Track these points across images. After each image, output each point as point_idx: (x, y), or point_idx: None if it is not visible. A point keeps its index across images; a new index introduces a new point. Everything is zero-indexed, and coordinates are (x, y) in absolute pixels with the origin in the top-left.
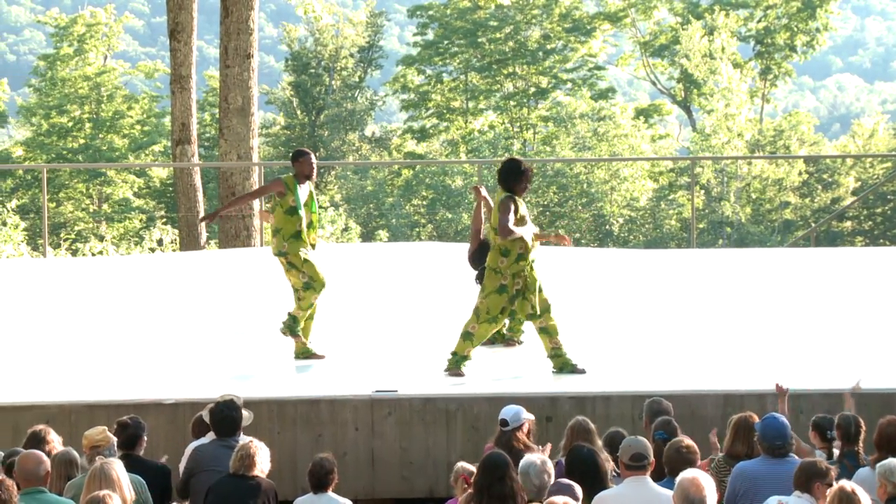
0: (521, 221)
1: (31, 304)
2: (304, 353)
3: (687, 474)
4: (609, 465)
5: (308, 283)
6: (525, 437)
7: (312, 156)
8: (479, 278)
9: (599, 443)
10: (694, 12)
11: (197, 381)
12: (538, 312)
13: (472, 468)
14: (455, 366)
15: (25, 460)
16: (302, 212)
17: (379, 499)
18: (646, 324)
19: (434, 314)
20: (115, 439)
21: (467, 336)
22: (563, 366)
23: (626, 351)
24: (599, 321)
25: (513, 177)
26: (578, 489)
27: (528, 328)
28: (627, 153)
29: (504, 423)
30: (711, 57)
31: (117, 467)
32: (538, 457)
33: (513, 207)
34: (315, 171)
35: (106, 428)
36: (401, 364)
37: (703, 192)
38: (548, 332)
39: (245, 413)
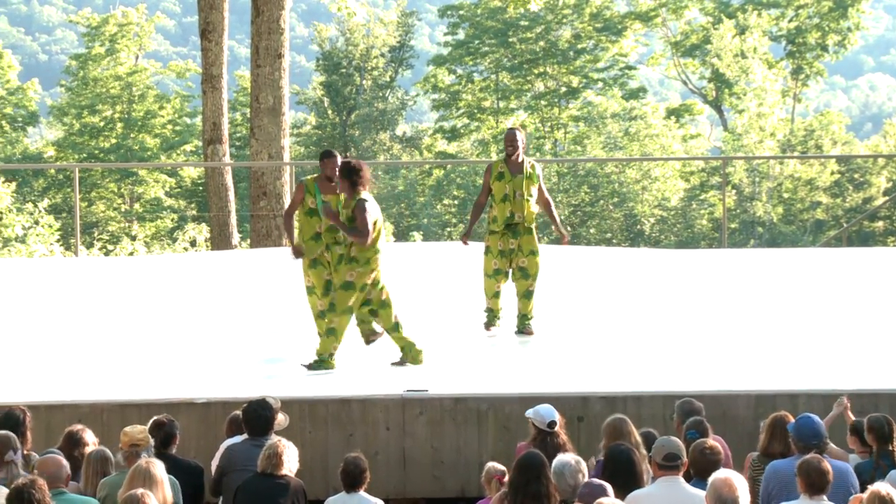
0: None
1: (64, 303)
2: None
3: (720, 474)
4: (645, 464)
5: (310, 289)
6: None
7: (336, 158)
8: None
9: (638, 439)
10: (725, 12)
11: (228, 381)
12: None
13: (503, 468)
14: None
15: (46, 464)
16: (322, 213)
17: (410, 498)
18: (677, 324)
19: (465, 314)
20: (152, 440)
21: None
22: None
23: (657, 351)
24: (631, 321)
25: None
26: (610, 489)
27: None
28: (659, 153)
29: (553, 424)
30: (743, 56)
31: (160, 468)
32: (572, 457)
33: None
34: (333, 170)
35: (146, 428)
36: (432, 364)
37: (734, 191)
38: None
39: (281, 416)
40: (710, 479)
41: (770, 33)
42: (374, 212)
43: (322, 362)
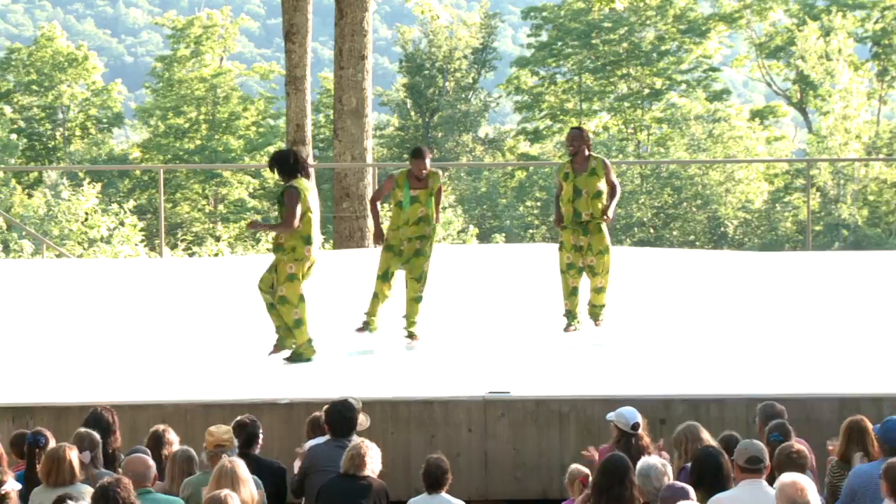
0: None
1: (148, 303)
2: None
3: (786, 478)
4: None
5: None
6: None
7: (425, 160)
8: None
9: (711, 442)
10: (810, 13)
11: (311, 382)
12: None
13: (587, 470)
14: None
15: (133, 463)
16: (407, 207)
17: (492, 500)
18: (761, 326)
19: (547, 316)
20: (236, 441)
21: None
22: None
23: (740, 354)
24: (714, 324)
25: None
26: (692, 492)
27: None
28: (742, 155)
29: (636, 426)
30: (828, 58)
31: (243, 467)
32: (658, 459)
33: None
34: (421, 170)
35: (231, 428)
36: (514, 365)
37: (819, 194)
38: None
39: (362, 417)
40: (778, 484)
41: (855, 35)
42: (308, 201)
43: (301, 354)
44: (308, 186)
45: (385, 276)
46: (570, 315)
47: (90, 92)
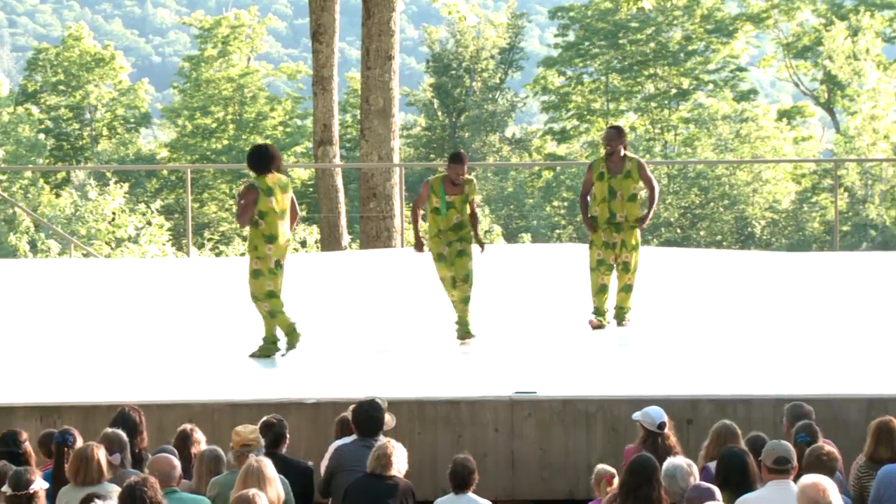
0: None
1: (175, 303)
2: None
3: (807, 480)
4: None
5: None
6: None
7: (462, 165)
8: None
9: (743, 446)
10: (837, 13)
11: (338, 382)
12: None
13: (613, 470)
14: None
15: (158, 462)
16: (444, 213)
17: (519, 500)
18: (788, 327)
19: (574, 316)
20: (263, 441)
21: None
22: None
23: (768, 354)
24: (741, 324)
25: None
26: (718, 493)
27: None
28: (770, 155)
29: (662, 425)
30: (855, 58)
31: (271, 467)
32: (684, 460)
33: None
34: (458, 175)
35: (257, 428)
36: (540, 365)
37: (846, 194)
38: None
39: (388, 417)
40: (800, 485)
41: (883, 35)
42: (269, 201)
43: (290, 338)
44: (274, 185)
45: (452, 284)
46: (598, 311)
47: (117, 92)
